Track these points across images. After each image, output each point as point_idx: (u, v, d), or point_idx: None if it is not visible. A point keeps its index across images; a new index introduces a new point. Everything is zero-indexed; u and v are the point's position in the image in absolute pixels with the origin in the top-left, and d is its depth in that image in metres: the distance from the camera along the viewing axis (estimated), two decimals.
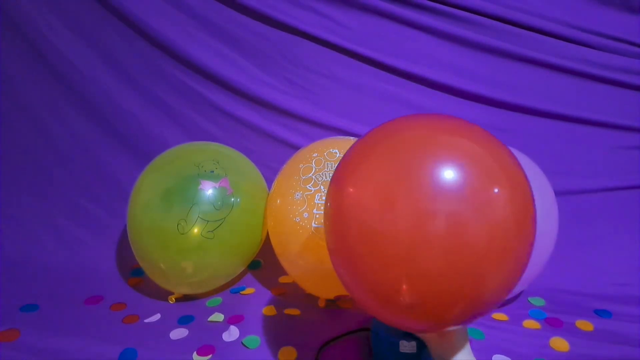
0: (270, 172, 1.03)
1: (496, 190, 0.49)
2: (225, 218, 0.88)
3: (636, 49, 1.18)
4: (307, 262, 0.84)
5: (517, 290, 0.91)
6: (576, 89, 1.19)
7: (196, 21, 1.21)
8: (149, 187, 0.90)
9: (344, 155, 0.59)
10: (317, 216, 0.82)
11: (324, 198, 0.82)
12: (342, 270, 0.57)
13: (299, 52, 1.21)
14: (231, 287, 1.00)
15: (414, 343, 0.66)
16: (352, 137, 1.00)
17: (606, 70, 1.18)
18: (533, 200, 0.53)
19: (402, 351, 0.67)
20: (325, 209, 0.59)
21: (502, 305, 0.92)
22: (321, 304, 0.92)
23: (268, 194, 0.95)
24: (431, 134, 0.54)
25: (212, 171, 0.90)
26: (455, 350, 0.57)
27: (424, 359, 0.66)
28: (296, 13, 1.19)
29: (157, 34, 1.19)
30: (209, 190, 0.88)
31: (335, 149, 0.89)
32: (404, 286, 0.49)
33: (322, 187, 0.83)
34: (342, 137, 1.00)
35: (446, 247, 0.47)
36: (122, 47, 1.22)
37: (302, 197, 0.83)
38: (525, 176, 0.53)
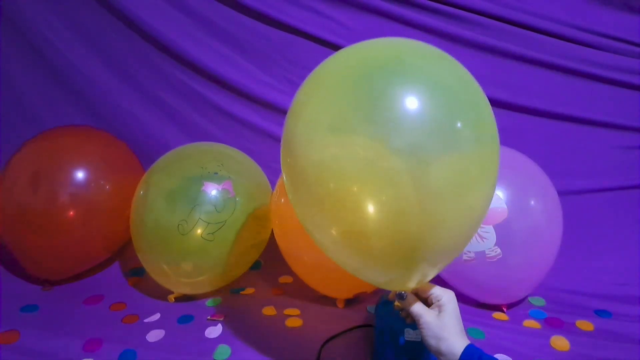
0: (270, 172, 1.03)
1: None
2: (226, 221, 0.87)
3: (636, 48, 1.18)
4: (312, 259, 0.84)
5: (522, 295, 0.92)
6: (576, 89, 1.19)
7: (196, 21, 1.21)
8: (153, 187, 0.90)
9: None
10: None
11: None
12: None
13: (299, 52, 1.21)
14: (231, 287, 1.00)
15: (419, 331, 0.66)
16: None
17: (606, 70, 1.18)
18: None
19: (407, 339, 0.67)
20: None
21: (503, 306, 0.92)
22: (340, 304, 0.91)
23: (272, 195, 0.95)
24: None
25: (216, 173, 0.89)
26: (451, 330, 0.57)
27: (428, 350, 0.66)
28: (296, 13, 1.19)
29: (157, 34, 1.19)
30: (211, 192, 0.87)
31: None
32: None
33: None
34: None
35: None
36: (122, 47, 1.22)
37: None
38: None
